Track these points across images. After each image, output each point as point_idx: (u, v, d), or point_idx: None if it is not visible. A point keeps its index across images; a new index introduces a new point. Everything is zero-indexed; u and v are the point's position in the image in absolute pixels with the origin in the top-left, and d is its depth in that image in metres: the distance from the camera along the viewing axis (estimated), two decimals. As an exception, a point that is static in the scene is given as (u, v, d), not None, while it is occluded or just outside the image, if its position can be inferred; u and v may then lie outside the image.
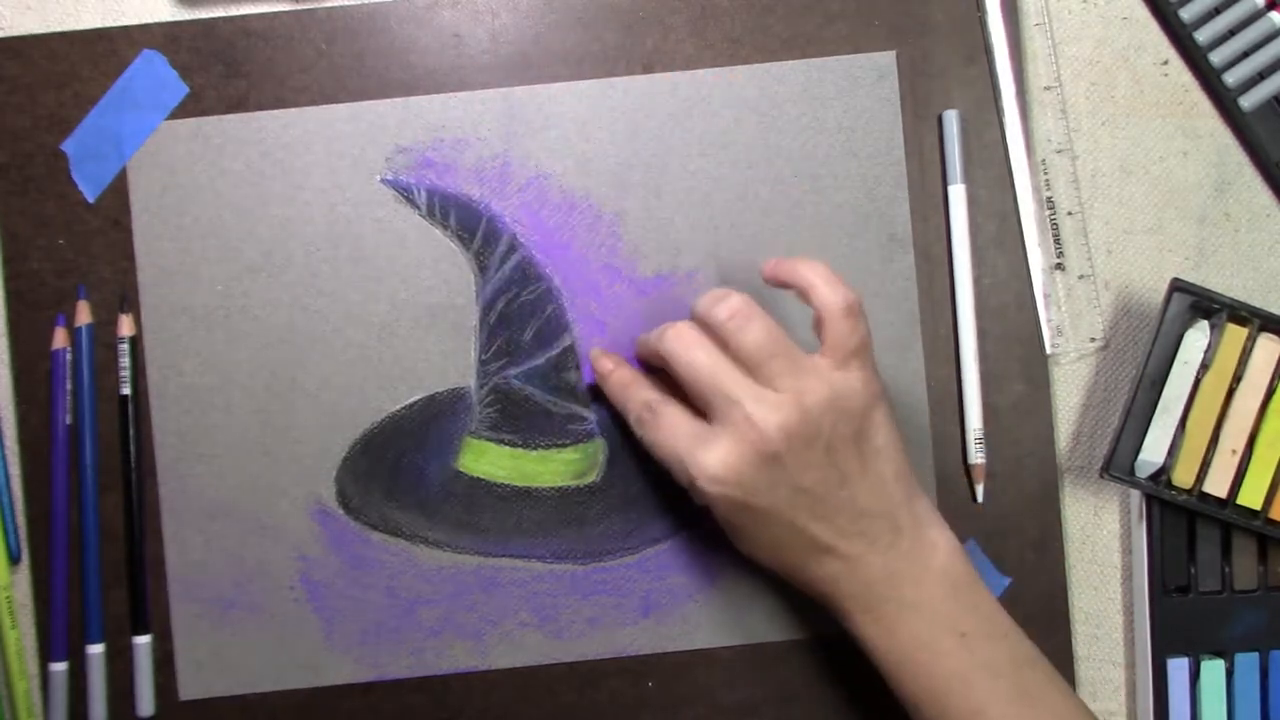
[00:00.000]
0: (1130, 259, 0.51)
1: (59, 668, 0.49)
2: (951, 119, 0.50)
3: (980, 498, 0.50)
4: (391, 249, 0.49)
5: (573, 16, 0.50)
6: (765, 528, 0.42)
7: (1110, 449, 0.48)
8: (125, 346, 0.49)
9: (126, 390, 0.49)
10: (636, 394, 0.46)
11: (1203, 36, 0.50)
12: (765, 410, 0.41)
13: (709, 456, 0.41)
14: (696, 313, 0.44)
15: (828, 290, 0.43)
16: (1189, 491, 0.48)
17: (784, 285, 0.44)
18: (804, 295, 0.43)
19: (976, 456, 0.49)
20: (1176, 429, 0.48)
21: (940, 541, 0.43)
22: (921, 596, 0.42)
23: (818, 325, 0.43)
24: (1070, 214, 0.50)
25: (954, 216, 0.50)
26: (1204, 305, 0.48)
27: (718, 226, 0.50)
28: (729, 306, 0.42)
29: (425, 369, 0.49)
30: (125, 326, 0.49)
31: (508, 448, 0.50)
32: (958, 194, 0.50)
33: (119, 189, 0.49)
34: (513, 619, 0.49)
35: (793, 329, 0.44)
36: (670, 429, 0.43)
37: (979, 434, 0.49)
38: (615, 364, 0.48)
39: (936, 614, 0.42)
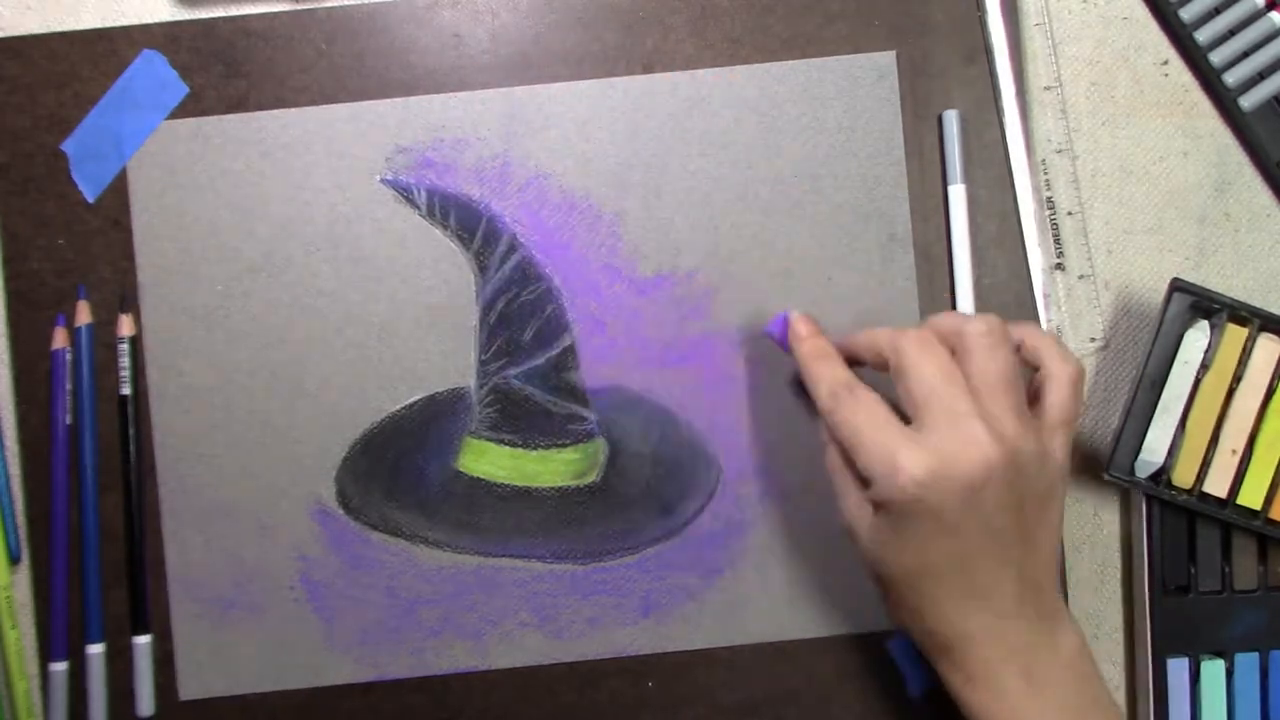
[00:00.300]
0: (1130, 259, 0.51)
1: (59, 668, 0.49)
2: (951, 119, 0.50)
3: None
4: (391, 249, 0.49)
5: (573, 16, 0.50)
6: (936, 550, 0.40)
7: (1110, 449, 0.48)
8: (125, 346, 0.49)
9: (126, 390, 0.49)
10: (834, 369, 0.44)
11: (1203, 36, 0.50)
12: (987, 438, 0.39)
13: (921, 455, 0.39)
14: (943, 324, 0.43)
15: (1063, 356, 0.43)
16: (1189, 491, 0.48)
17: (1016, 348, 0.43)
18: (1032, 356, 0.43)
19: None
20: (1176, 429, 0.48)
21: (1073, 630, 0.43)
22: (1051, 678, 0.41)
23: (1039, 389, 0.43)
24: (1070, 214, 0.50)
25: (954, 216, 0.50)
26: (1204, 305, 0.48)
27: (718, 226, 0.50)
28: (988, 324, 0.41)
29: (425, 369, 0.49)
30: (125, 326, 0.49)
31: (508, 448, 0.50)
32: (958, 194, 0.50)
33: (119, 189, 0.49)
34: (513, 619, 0.49)
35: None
36: (871, 414, 0.42)
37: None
38: (812, 332, 0.46)
39: (1063, 703, 0.41)
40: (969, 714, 0.42)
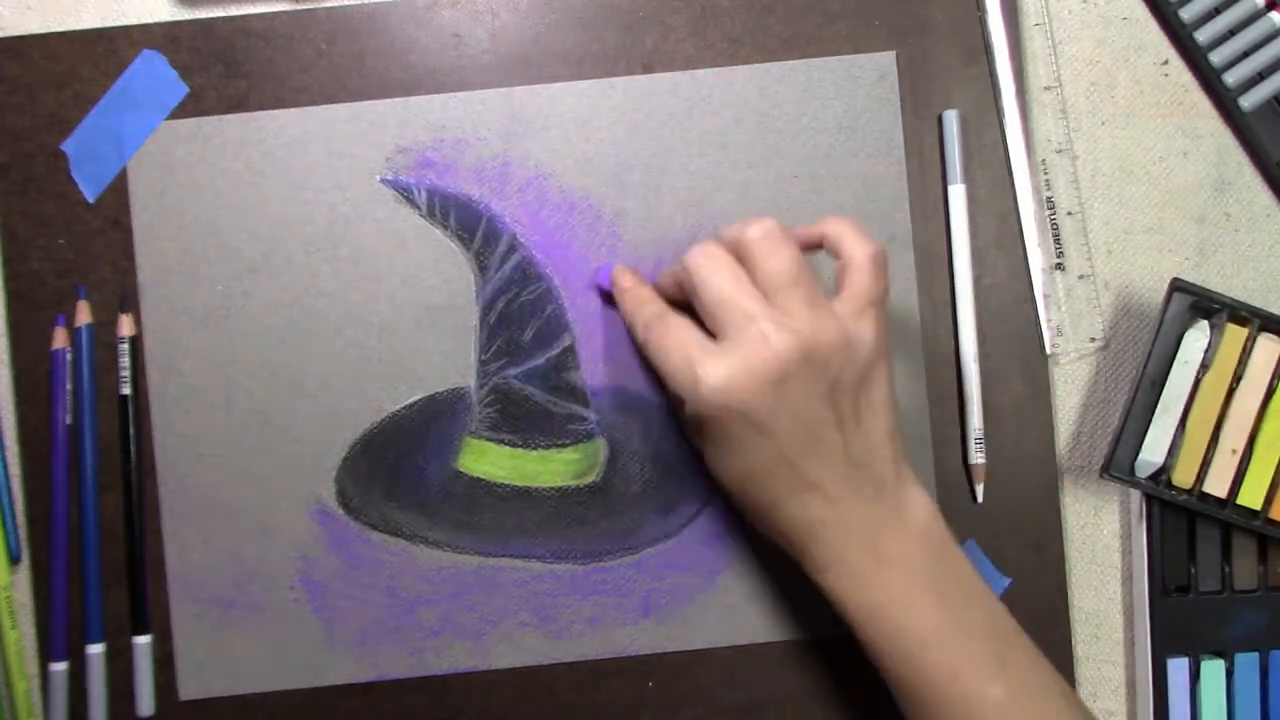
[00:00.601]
0: (1130, 259, 0.51)
1: (59, 668, 0.49)
2: (951, 119, 0.50)
3: (980, 498, 0.50)
4: (391, 249, 0.49)
5: (573, 16, 0.50)
6: (756, 451, 0.42)
7: (1110, 449, 0.48)
8: (125, 346, 0.49)
9: (126, 390, 0.49)
10: (649, 306, 0.46)
11: (1203, 36, 0.50)
12: (781, 332, 0.40)
13: (718, 364, 0.41)
14: (726, 235, 0.44)
15: (857, 239, 0.43)
16: (1189, 491, 0.48)
17: (814, 245, 0.45)
18: (832, 246, 0.44)
19: (976, 457, 0.49)
20: (1176, 429, 0.48)
21: (921, 502, 0.43)
22: (900, 551, 0.42)
23: (840, 275, 0.43)
24: (1070, 214, 0.50)
25: (954, 216, 0.50)
26: (1204, 305, 0.48)
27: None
28: (763, 227, 0.42)
29: (425, 369, 0.49)
30: (125, 326, 0.49)
31: (508, 448, 0.50)
32: (958, 194, 0.50)
33: (119, 189, 0.49)
34: (513, 619, 0.49)
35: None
36: (678, 336, 0.43)
37: (979, 434, 0.49)
38: (634, 282, 0.48)
39: (914, 571, 0.42)
40: (829, 598, 0.43)
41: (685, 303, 0.45)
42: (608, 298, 0.49)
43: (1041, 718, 0.41)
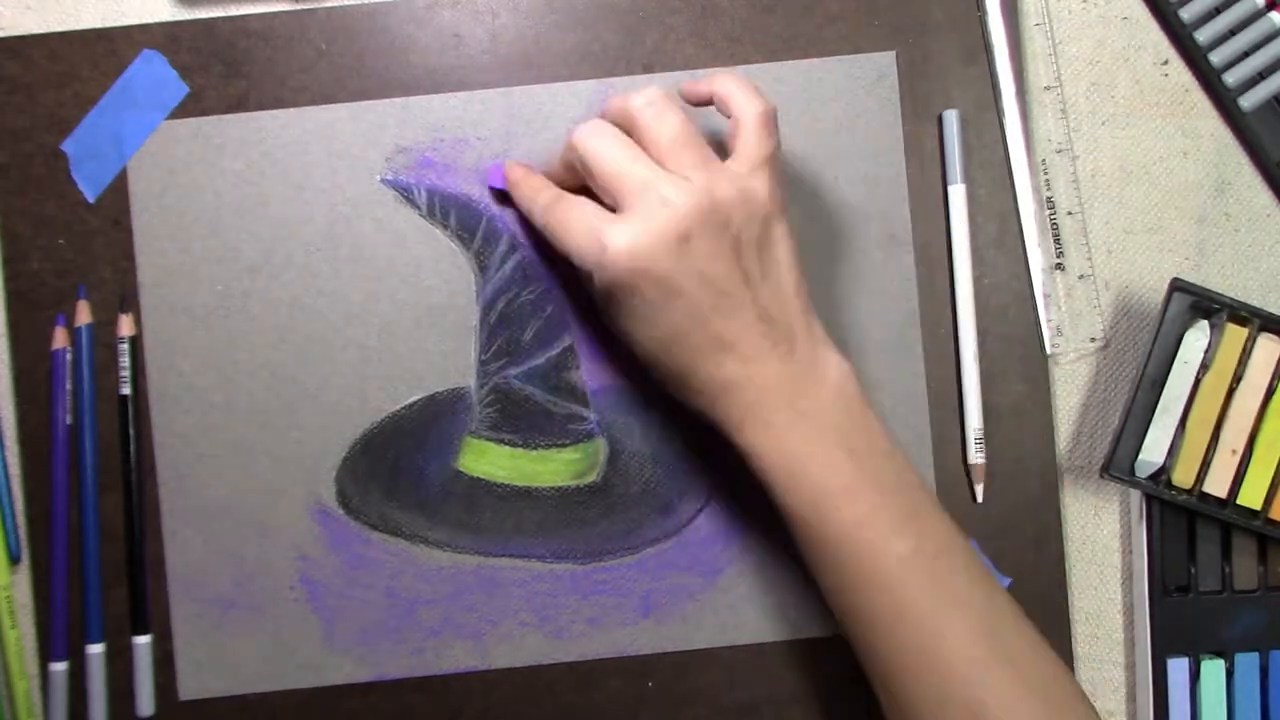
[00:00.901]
0: (1130, 259, 0.51)
1: (59, 668, 0.49)
2: (951, 119, 0.50)
3: (980, 498, 0.50)
4: (391, 249, 0.49)
5: (573, 16, 0.50)
6: (667, 314, 0.42)
7: (1110, 449, 0.48)
8: (125, 346, 0.49)
9: (126, 390, 0.49)
10: (545, 192, 0.46)
11: (1203, 36, 0.50)
12: (677, 192, 0.41)
13: (621, 230, 0.41)
14: (610, 108, 0.44)
15: (746, 98, 0.43)
16: (1189, 491, 0.48)
17: (703, 102, 0.45)
18: (722, 105, 0.44)
19: (976, 456, 0.49)
20: (1176, 429, 0.48)
21: (835, 360, 0.43)
22: (814, 407, 0.42)
23: (731, 134, 0.44)
24: (1070, 214, 0.50)
25: (954, 216, 0.50)
26: (1204, 305, 0.48)
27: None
28: (646, 94, 0.43)
29: (425, 369, 0.49)
30: (125, 326, 0.49)
31: (508, 448, 0.50)
32: (958, 194, 0.50)
33: (119, 189, 0.49)
34: (513, 619, 0.49)
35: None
36: (579, 211, 0.43)
37: (979, 434, 0.49)
38: (526, 173, 0.48)
39: (827, 426, 0.42)
40: (746, 458, 0.43)
41: (580, 186, 0.45)
42: (503, 197, 0.49)
43: (946, 573, 0.41)
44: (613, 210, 0.42)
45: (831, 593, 0.43)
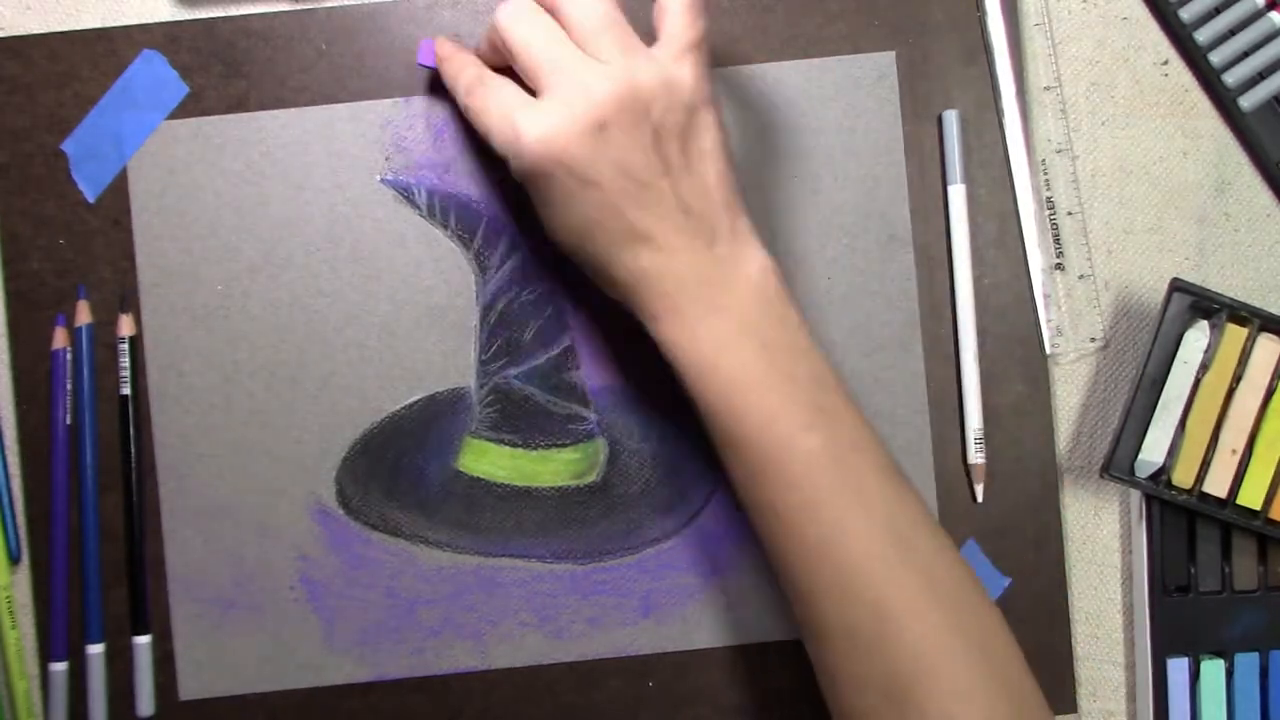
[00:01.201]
0: (1130, 259, 0.51)
1: (59, 668, 0.49)
2: (951, 119, 0.50)
3: (980, 498, 0.50)
4: (391, 249, 0.49)
5: (573, 16, 0.50)
6: (583, 203, 0.41)
7: (1110, 449, 0.48)
8: (125, 346, 0.49)
9: (126, 390, 0.49)
10: (470, 70, 0.45)
11: (1203, 36, 0.50)
12: (596, 78, 0.40)
13: (536, 116, 0.40)
14: (497, 21, 0.44)
15: None
16: (1189, 491, 0.48)
17: None
18: None
19: (976, 456, 0.49)
20: (1176, 429, 0.48)
21: (756, 256, 0.43)
22: (730, 302, 0.42)
23: (657, 19, 0.43)
24: (1070, 214, 0.50)
25: (954, 216, 0.50)
26: (1204, 305, 0.48)
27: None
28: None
29: (425, 369, 0.49)
30: (125, 326, 0.49)
31: (508, 448, 0.50)
32: (958, 194, 0.50)
33: (119, 189, 0.49)
34: (513, 619, 0.49)
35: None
36: (499, 95, 0.43)
37: (979, 434, 0.49)
38: (454, 50, 0.47)
39: (743, 320, 0.42)
40: (664, 351, 0.43)
41: (507, 67, 0.44)
42: (435, 77, 0.48)
43: (855, 470, 0.41)
44: (534, 94, 0.42)
45: (741, 487, 0.42)
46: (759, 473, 0.41)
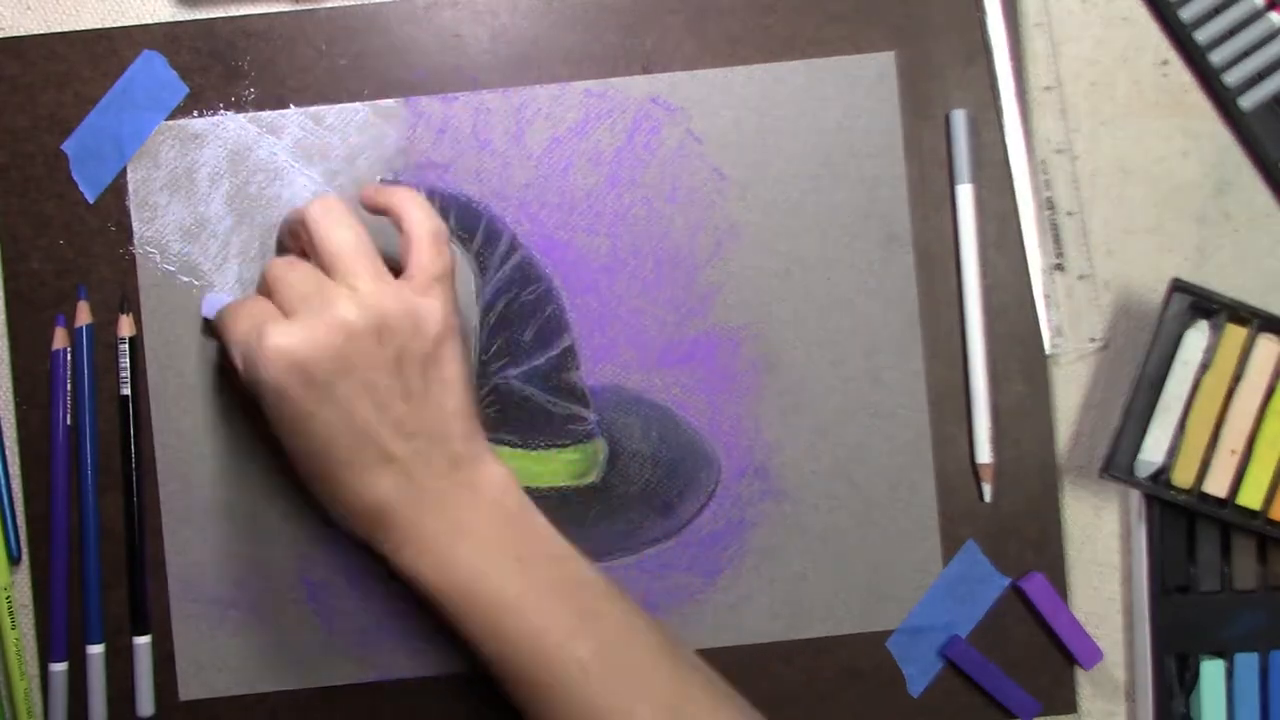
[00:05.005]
0: (1130, 259, 0.51)
1: (59, 668, 0.48)
2: (959, 119, 0.50)
3: (988, 496, 0.50)
4: (392, 249, 0.49)
5: (573, 16, 0.50)
6: (323, 423, 0.41)
7: (1110, 449, 0.48)
8: (125, 347, 0.49)
9: (126, 390, 0.49)
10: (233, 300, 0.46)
11: (1203, 36, 0.50)
12: (344, 304, 0.41)
13: (284, 328, 0.40)
14: (290, 220, 0.45)
15: (419, 216, 0.44)
16: (1189, 491, 0.48)
17: (379, 211, 0.45)
18: (396, 220, 0.44)
19: (985, 455, 0.49)
20: (1176, 429, 0.48)
21: (497, 472, 0.43)
22: (475, 523, 0.42)
23: (404, 251, 0.43)
24: (1070, 214, 0.50)
25: (961, 216, 0.50)
26: (1204, 305, 0.48)
27: (717, 226, 0.50)
28: (325, 202, 0.43)
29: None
30: (125, 327, 0.49)
31: (508, 448, 0.50)
32: (965, 194, 0.50)
33: (119, 189, 0.49)
34: (513, 619, 0.49)
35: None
36: (251, 307, 0.43)
37: (988, 432, 0.49)
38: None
39: (491, 540, 0.42)
40: (413, 584, 0.43)
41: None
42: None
43: (631, 670, 0.41)
44: None
45: (522, 706, 0.42)
46: (535, 687, 0.41)
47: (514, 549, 0.42)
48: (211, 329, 0.48)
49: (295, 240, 0.46)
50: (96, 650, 0.49)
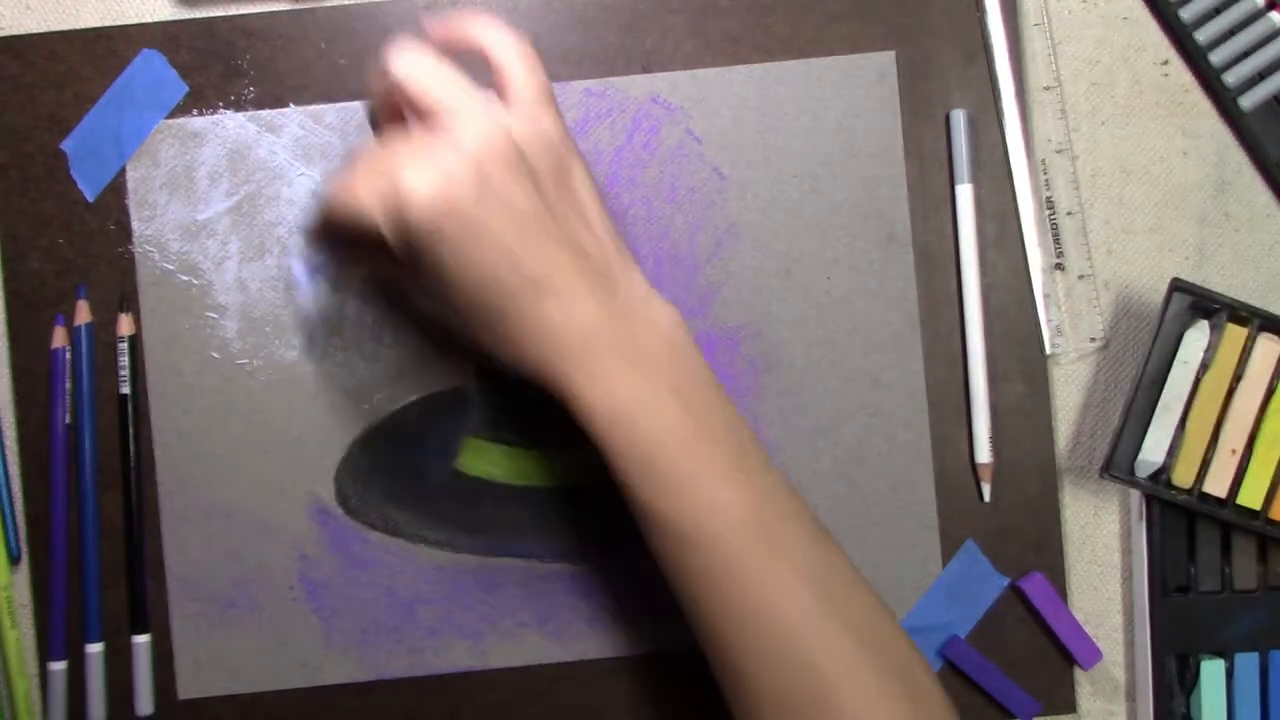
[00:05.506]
0: (1130, 259, 0.51)
1: (58, 667, 0.48)
2: (959, 119, 0.50)
3: (987, 496, 0.50)
4: (391, 248, 0.49)
5: (573, 16, 0.50)
6: (477, 254, 0.39)
7: (1110, 449, 0.48)
8: (125, 346, 0.49)
9: (126, 390, 0.49)
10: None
11: (1203, 36, 0.50)
12: (464, 130, 0.39)
13: (415, 174, 0.38)
14: (373, 85, 0.42)
15: (505, 40, 0.42)
16: (1189, 491, 0.48)
17: (457, 48, 0.43)
18: (479, 51, 0.42)
19: (984, 455, 0.49)
20: (1176, 429, 0.48)
21: (664, 306, 0.42)
22: (645, 355, 0.40)
23: (498, 78, 0.41)
24: (1070, 214, 0.50)
25: (962, 216, 0.50)
26: (1204, 305, 0.48)
27: (717, 226, 0.50)
28: (404, 56, 0.40)
29: (425, 369, 0.49)
30: (125, 326, 0.49)
31: (508, 447, 0.50)
32: (965, 194, 0.50)
33: (119, 188, 0.49)
34: (512, 619, 0.49)
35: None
36: (363, 168, 0.40)
37: (988, 432, 0.49)
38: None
39: (660, 375, 0.40)
40: (576, 412, 0.40)
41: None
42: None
43: (777, 526, 0.40)
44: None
45: (663, 555, 0.41)
46: (681, 535, 0.40)
47: (680, 388, 0.40)
48: (316, 240, 0.45)
49: (387, 108, 0.43)
50: (96, 649, 0.49)
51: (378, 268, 0.45)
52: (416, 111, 0.40)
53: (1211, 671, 0.48)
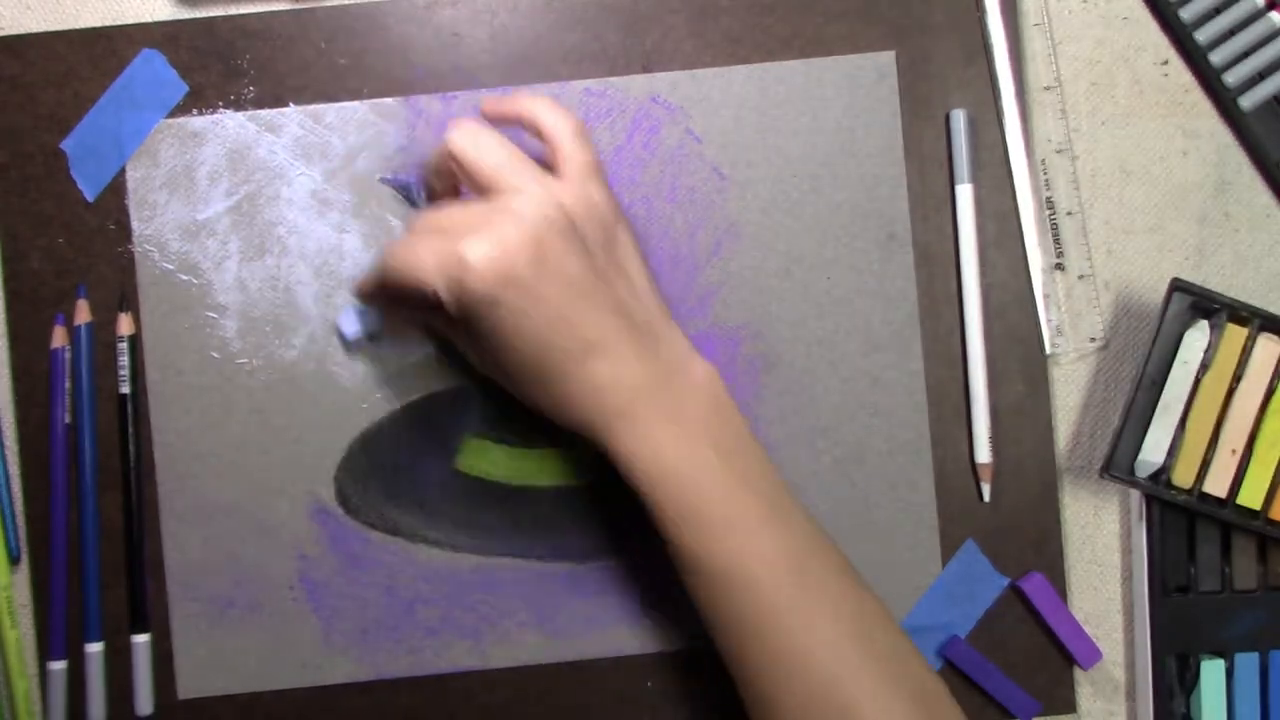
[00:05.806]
0: (1130, 259, 0.51)
1: (58, 666, 0.49)
2: (959, 118, 0.50)
3: (987, 496, 0.50)
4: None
5: (573, 16, 0.50)
6: (533, 320, 0.41)
7: (1110, 449, 0.48)
8: (125, 345, 0.49)
9: (126, 389, 0.49)
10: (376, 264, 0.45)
11: (1203, 36, 0.50)
12: (520, 202, 0.41)
13: (476, 245, 0.40)
14: (429, 160, 0.45)
15: (556, 114, 0.44)
16: (1189, 491, 0.48)
17: (508, 122, 0.46)
18: (530, 125, 0.45)
19: (984, 455, 0.49)
20: (1176, 429, 0.48)
21: (702, 363, 0.44)
22: (685, 409, 0.43)
23: (551, 153, 0.44)
24: (1070, 214, 0.50)
25: (962, 216, 0.50)
26: (1204, 305, 0.48)
27: (717, 226, 0.50)
28: (463, 130, 0.43)
29: (425, 368, 0.49)
30: (125, 325, 0.49)
31: (508, 447, 0.50)
32: (965, 194, 0.50)
33: (119, 188, 0.49)
34: (512, 618, 0.49)
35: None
36: (425, 239, 0.42)
37: (987, 432, 0.49)
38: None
39: (700, 427, 0.43)
40: (621, 464, 0.43)
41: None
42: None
43: (813, 572, 0.42)
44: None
45: (704, 605, 0.43)
46: (722, 579, 0.42)
47: (717, 439, 0.43)
48: (370, 298, 0.47)
49: (443, 179, 0.46)
50: (95, 649, 0.49)
51: (431, 327, 0.48)
52: (473, 184, 0.43)
53: (1211, 671, 0.48)
